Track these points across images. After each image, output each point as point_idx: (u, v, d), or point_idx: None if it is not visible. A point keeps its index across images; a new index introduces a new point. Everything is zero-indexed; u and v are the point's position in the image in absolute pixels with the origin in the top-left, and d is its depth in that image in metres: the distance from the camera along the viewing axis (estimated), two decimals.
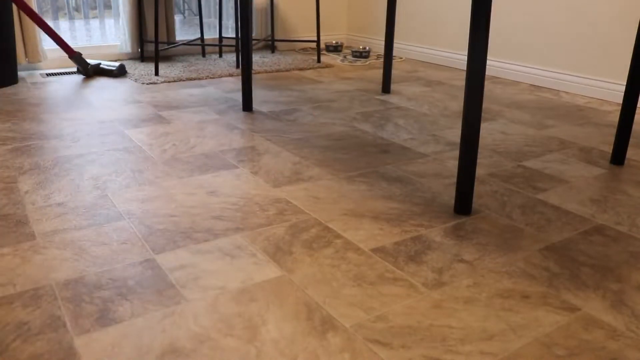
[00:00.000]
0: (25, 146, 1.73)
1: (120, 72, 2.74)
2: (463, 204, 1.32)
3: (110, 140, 1.80)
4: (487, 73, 3.01)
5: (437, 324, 0.92)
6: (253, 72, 2.95)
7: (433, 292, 1.01)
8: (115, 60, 3.12)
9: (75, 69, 2.89)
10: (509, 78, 2.90)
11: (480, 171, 1.61)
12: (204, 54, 3.35)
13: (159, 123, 2.01)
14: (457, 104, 2.39)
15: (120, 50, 3.14)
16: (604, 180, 1.56)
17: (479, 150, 1.80)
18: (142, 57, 3.13)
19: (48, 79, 2.69)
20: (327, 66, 3.15)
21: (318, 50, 3.21)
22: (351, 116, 2.15)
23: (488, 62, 2.99)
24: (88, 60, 2.74)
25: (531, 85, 2.78)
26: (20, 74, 2.76)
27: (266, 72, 2.97)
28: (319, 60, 3.24)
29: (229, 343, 0.87)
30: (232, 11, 4.78)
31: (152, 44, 3.14)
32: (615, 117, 2.21)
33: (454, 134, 1.96)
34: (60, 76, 2.76)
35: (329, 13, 3.82)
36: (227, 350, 0.85)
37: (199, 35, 3.96)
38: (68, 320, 0.91)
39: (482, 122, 2.12)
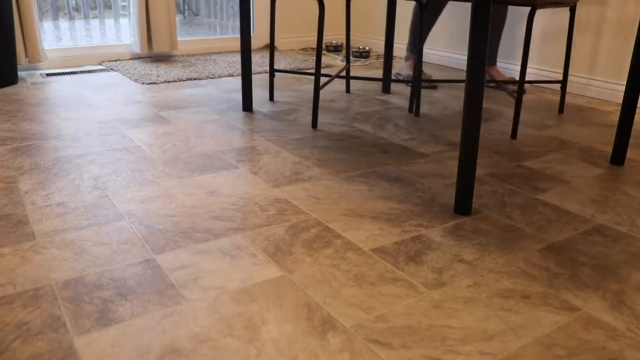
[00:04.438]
0: (25, 146, 1.73)
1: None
2: (463, 204, 1.32)
3: (110, 140, 1.80)
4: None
5: (437, 324, 0.92)
6: (253, 72, 2.95)
7: (433, 292, 1.01)
8: (116, 60, 3.12)
9: (73, 69, 2.89)
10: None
11: (480, 171, 1.61)
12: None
13: (159, 123, 2.01)
14: (457, 104, 2.39)
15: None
16: (604, 180, 1.56)
17: (479, 150, 1.80)
18: None
19: (48, 79, 2.69)
20: (327, 66, 3.15)
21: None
22: (351, 116, 2.15)
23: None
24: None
25: (531, 85, 2.77)
26: (20, 74, 2.76)
27: (266, 72, 2.97)
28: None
29: (229, 343, 0.87)
30: (232, 11, 4.78)
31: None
32: (615, 117, 2.21)
33: (454, 134, 1.96)
34: (60, 76, 2.76)
35: (329, 13, 3.82)
36: (227, 350, 0.85)
37: (199, 36, 3.95)
38: (68, 320, 0.91)
39: (482, 122, 2.12)
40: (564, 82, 2.21)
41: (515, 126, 1.91)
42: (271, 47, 2.28)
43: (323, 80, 2.75)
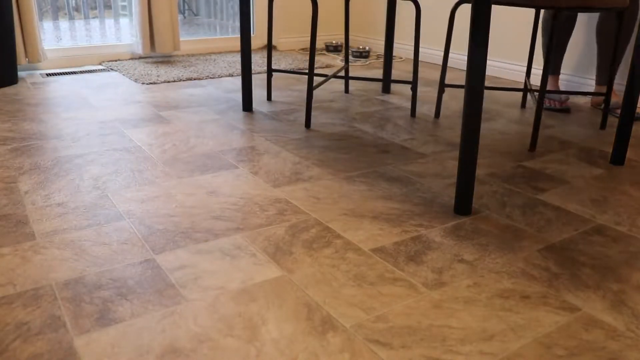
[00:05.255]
0: (25, 146, 1.73)
1: None
2: (463, 204, 1.32)
3: (110, 140, 1.80)
4: (487, 73, 3.00)
5: (437, 324, 0.92)
6: (253, 72, 2.95)
7: (433, 292, 1.01)
8: (116, 60, 3.11)
9: (73, 69, 2.89)
10: (509, 78, 2.90)
11: (480, 171, 1.61)
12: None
13: (159, 123, 2.01)
14: (457, 104, 2.39)
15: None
16: (604, 180, 1.56)
17: (479, 150, 1.80)
18: None
19: (48, 79, 2.69)
20: (327, 66, 3.15)
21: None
22: (351, 116, 2.15)
23: (488, 62, 2.99)
24: None
25: (531, 85, 2.77)
26: (20, 74, 2.76)
27: (266, 72, 2.97)
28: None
29: (229, 343, 0.87)
30: (232, 11, 4.77)
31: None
32: (615, 117, 2.21)
33: (454, 134, 1.96)
34: (60, 76, 2.76)
35: (329, 13, 3.82)
36: (227, 350, 0.85)
37: (199, 36, 3.95)
38: (68, 320, 0.91)
39: (482, 122, 2.12)
40: (607, 95, 2.01)
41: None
42: (269, 47, 2.27)
43: (319, 80, 2.75)
